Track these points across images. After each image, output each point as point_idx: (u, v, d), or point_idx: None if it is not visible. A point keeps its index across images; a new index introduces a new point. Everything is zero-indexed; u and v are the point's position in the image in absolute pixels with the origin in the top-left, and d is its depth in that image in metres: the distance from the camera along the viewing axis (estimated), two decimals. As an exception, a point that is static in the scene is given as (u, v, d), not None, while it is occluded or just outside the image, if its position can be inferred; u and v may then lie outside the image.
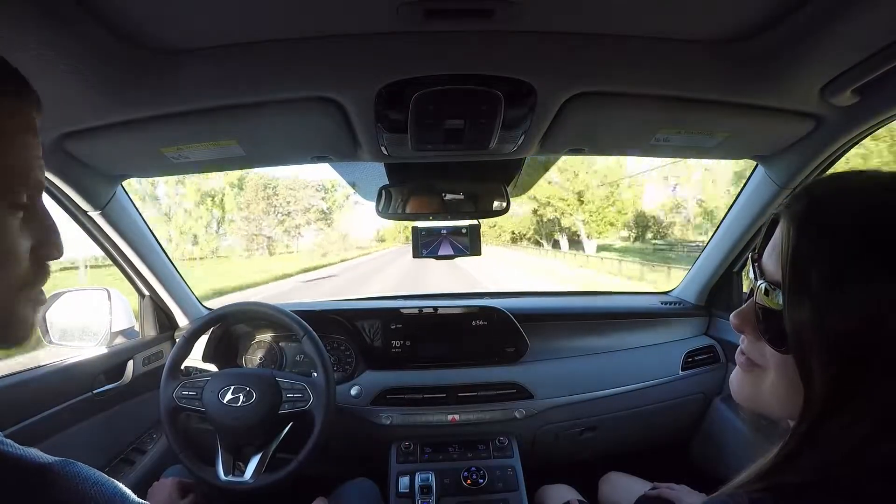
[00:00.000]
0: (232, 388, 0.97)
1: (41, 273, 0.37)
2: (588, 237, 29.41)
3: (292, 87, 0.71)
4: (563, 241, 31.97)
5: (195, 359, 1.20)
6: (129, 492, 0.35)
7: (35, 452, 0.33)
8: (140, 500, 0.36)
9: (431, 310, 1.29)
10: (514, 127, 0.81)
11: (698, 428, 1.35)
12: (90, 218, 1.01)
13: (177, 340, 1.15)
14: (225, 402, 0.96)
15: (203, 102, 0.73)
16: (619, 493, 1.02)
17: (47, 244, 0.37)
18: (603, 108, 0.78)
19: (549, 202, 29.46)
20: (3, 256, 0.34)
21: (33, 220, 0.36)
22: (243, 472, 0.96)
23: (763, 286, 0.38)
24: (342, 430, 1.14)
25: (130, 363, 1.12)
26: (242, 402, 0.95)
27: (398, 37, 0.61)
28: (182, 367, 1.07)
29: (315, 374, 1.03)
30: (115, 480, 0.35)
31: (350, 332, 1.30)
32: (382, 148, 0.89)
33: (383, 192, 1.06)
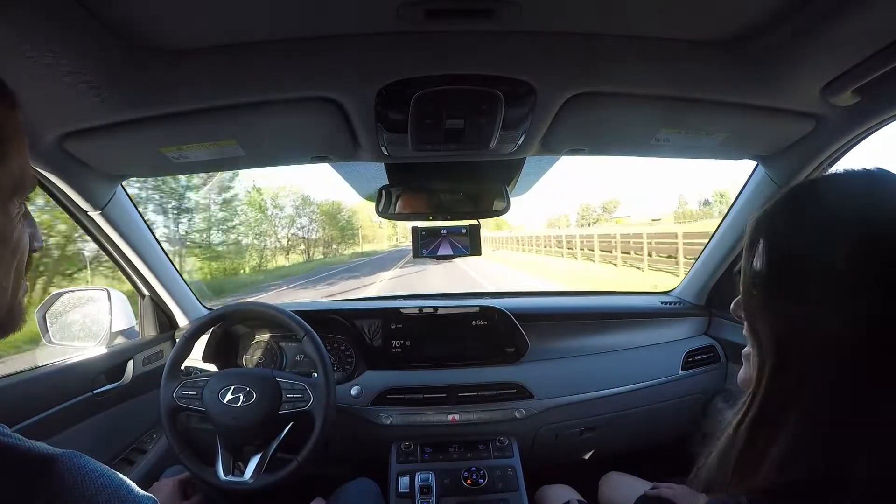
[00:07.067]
0: (232, 388, 0.97)
1: (29, 263, 0.41)
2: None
3: (292, 87, 0.70)
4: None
5: (195, 359, 1.20)
6: (133, 485, 0.36)
7: (42, 445, 0.33)
8: (145, 493, 0.36)
9: (431, 310, 1.29)
10: (515, 127, 0.81)
11: (699, 428, 1.35)
12: (90, 218, 1.01)
13: (177, 340, 1.15)
14: (225, 402, 0.96)
15: (203, 102, 0.73)
16: (619, 493, 1.01)
17: (35, 237, 0.41)
18: (603, 108, 0.78)
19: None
20: (14, 246, 0.37)
21: (26, 214, 0.40)
22: (243, 473, 0.96)
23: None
24: (342, 430, 1.14)
25: (130, 363, 1.13)
26: (242, 402, 0.95)
27: (398, 37, 0.61)
28: (182, 367, 1.07)
29: (315, 374, 1.03)
30: (120, 474, 0.35)
31: (350, 332, 1.30)
32: (382, 148, 0.89)
33: (383, 192, 1.06)
